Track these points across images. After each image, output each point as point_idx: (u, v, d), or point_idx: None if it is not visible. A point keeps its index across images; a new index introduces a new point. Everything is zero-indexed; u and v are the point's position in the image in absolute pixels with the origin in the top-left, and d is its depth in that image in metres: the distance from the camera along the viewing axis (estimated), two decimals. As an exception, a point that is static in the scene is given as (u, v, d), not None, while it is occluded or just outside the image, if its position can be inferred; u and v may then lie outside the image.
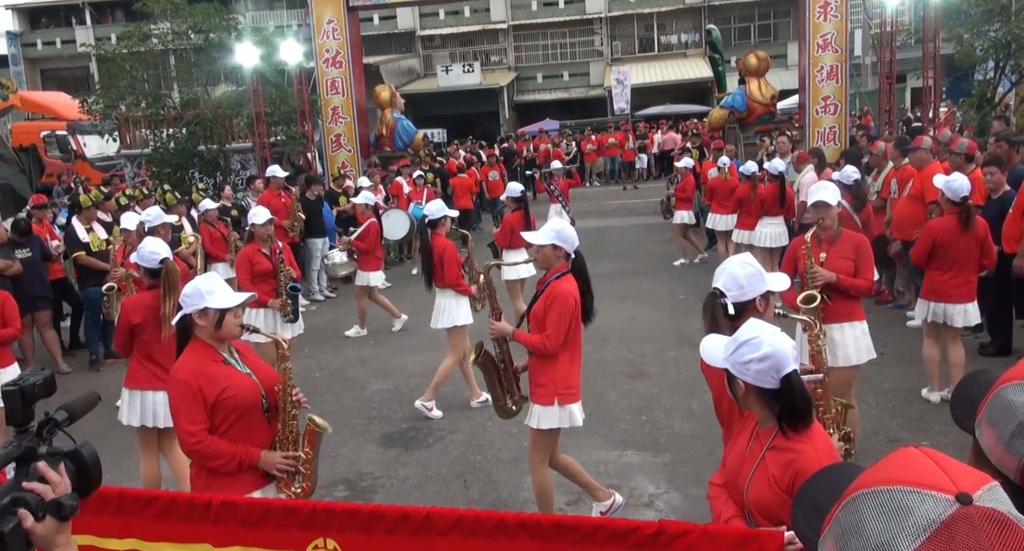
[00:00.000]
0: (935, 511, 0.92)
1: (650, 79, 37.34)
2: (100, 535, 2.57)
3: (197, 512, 2.56)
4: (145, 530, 2.57)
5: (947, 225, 6.11)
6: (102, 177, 19.01)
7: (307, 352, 9.29)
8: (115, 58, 17.30)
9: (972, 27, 15.92)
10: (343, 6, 16.13)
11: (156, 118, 17.38)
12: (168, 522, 2.58)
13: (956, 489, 0.94)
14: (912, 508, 0.93)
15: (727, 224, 11.41)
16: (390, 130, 17.33)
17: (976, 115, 15.90)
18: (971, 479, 0.96)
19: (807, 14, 14.51)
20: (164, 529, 2.56)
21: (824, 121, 14.67)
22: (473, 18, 41.73)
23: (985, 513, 0.92)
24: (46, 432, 1.66)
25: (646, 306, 10.27)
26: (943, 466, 0.98)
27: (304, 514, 2.54)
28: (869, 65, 24.27)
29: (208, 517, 2.56)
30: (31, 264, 8.85)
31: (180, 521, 2.57)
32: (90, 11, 42.89)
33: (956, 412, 1.47)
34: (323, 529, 2.50)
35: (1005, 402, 1.21)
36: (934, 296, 6.25)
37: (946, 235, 6.09)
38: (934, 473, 0.97)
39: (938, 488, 0.94)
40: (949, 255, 6.11)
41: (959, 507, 0.92)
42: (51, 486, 1.57)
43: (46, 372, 1.77)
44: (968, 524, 0.91)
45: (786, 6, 36.21)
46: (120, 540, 2.56)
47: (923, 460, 1.00)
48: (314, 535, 2.49)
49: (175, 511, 2.59)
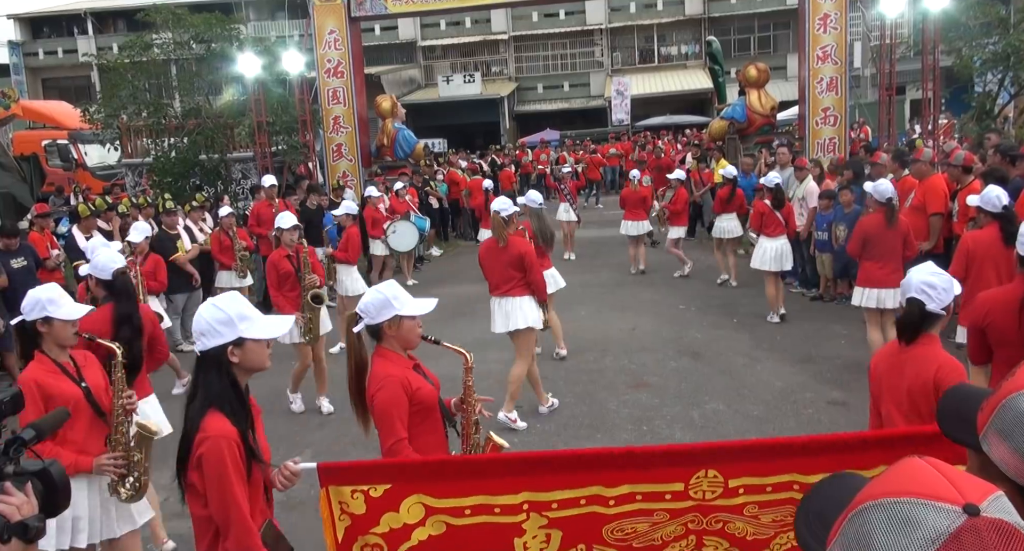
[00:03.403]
0: (943, 523, 0.92)
1: (650, 90, 37.45)
2: (493, 493, 2.79)
3: (594, 463, 2.80)
4: (539, 483, 2.78)
5: (875, 221, 7.19)
6: (103, 186, 19.03)
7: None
8: (117, 68, 17.32)
9: (971, 40, 15.96)
10: (345, 16, 16.20)
11: (157, 127, 17.39)
12: (560, 474, 2.79)
13: (963, 500, 0.93)
14: (920, 520, 0.93)
15: (639, 229, 13.05)
16: (391, 140, 17.37)
17: (976, 127, 15.93)
18: (977, 489, 0.96)
19: (807, 26, 14.57)
20: (556, 481, 2.78)
21: (824, 132, 14.70)
22: (474, 29, 41.86)
23: (993, 524, 0.91)
24: (13, 451, 1.60)
25: (647, 316, 10.27)
26: (948, 476, 0.98)
27: (685, 453, 2.82)
28: (869, 77, 24.31)
29: (594, 466, 2.79)
30: (25, 273, 8.68)
31: (572, 471, 2.79)
32: (92, 21, 42.99)
33: (947, 427, 1.47)
34: (708, 462, 2.76)
35: (1019, 412, 1.20)
36: (868, 283, 7.20)
37: (875, 230, 7.14)
38: (940, 484, 0.97)
39: (945, 499, 0.94)
40: (878, 247, 7.12)
41: (967, 518, 0.91)
42: (16, 507, 1.51)
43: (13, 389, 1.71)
44: (976, 535, 0.90)
45: (786, 18, 36.33)
46: (514, 495, 2.76)
47: (928, 470, 1.00)
48: (697, 468, 2.75)
49: (566, 464, 2.82)
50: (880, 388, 3.49)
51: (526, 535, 2.82)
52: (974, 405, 1.32)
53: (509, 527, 2.81)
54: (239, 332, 2.73)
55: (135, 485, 3.81)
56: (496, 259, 6.82)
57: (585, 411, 7.11)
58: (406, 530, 2.81)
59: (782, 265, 9.68)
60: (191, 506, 2.79)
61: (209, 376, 2.74)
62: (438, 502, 2.80)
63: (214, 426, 2.67)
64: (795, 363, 8.14)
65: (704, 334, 9.36)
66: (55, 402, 3.65)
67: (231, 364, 2.75)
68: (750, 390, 7.43)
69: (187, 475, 2.72)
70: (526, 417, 6.99)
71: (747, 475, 2.76)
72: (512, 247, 6.71)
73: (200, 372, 2.77)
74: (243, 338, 2.74)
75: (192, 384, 2.82)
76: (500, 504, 2.79)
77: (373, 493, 2.81)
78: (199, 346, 2.76)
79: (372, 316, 3.37)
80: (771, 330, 9.36)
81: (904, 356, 3.34)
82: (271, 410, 7.69)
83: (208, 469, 2.64)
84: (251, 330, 2.76)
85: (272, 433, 3.95)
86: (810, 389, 7.33)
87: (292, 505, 5.73)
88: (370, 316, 3.37)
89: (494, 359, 8.82)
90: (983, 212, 6.09)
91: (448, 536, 2.81)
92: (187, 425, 2.74)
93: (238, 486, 2.67)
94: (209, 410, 2.70)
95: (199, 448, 2.66)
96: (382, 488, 2.80)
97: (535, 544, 2.84)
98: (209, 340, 2.73)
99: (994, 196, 5.91)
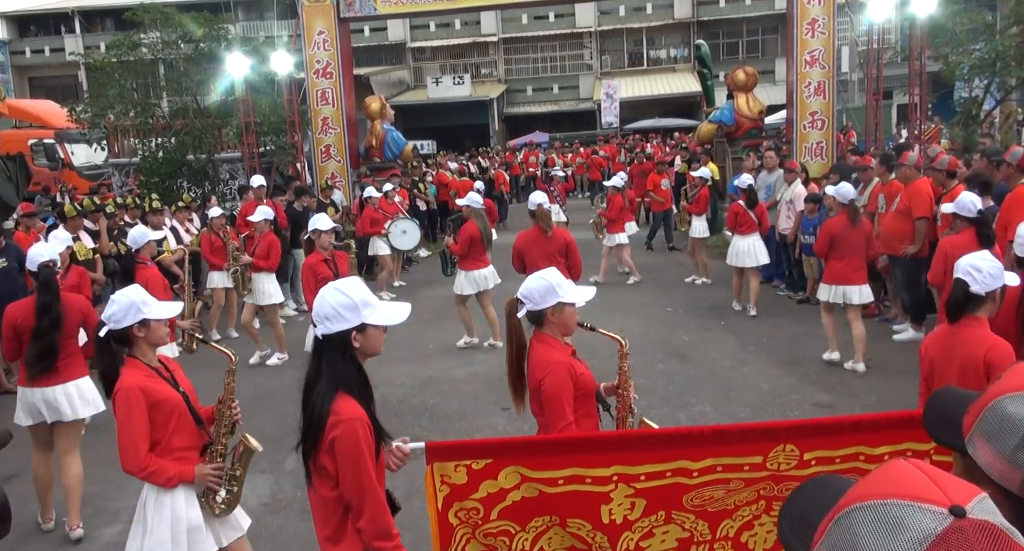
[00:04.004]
0: (930, 525, 0.92)
1: (639, 93, 37.55)
2: (586, 466, 2.97)
3: (685, 440, 3.01)
4: (631, 458, 2.97)
5: (840, 223, 7.69)
6: (90, 186, 18.92)
7: (294, 364, 9.25)
8: (104, 67, 17.24)
9: (957, 45, 16.08)
10: (334, 17, 16.15)
11: (145, 127, 17.30)
12: (651, 451, 2.98)
13: (949, 502, 0.94)
14: (906, 522, 0.93)
15: None
16: (380, 141, 17.32)
17: (962, 132, 16.05)
18: (962, 491, 0.96)
19: (795, 31, 14.63)
20: (647, 456, 2.98)
21: (812, 136, 14.76)
22: (464, 30, 41.87)
23: (979, 525, 0.92)
24: None
25: (635, 318, 10.28)
26: (934, 478, 0.98)
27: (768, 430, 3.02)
28: (856, 81, 24.46)
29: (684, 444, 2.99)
30: (7, 273, 8.38)
31: (663, 448, 2.99)
32: (79, 20, 42.76)
33: (933, 430, 1.47)
34: (786, 438, 2.95)
35: (1003, 415, 1.21)
36: (835, 280, 7.71)
37: (840, 230, 7.65)
38: (926, 486, 0.97)
39: (931, 501, 0.94)
40: (843, 246, 7.62)
41: (953, 520, 0.92)
42: None
43: None
44: (962, 537, 0.91)
45: (774, 23, 36.51)
46: (606, 468, 2.95)
47: (914, 473, 1.00)
48: (776, 443, 2.94)
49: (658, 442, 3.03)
50: (931, 368, 3.67)
51: (612, 503, 3.02)
52: (960, 408, 1.32)
53: (597, 496, 3.00)
54: (363, 318, 2.80)
55: (228, 498, 3.70)
56: (542, 248, 7.73)
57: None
58: (502, 493, 3.00)
59: (757, 260, 10.06)
60: (318, 488, 2.83)
61: (334, 360, 2.80)
62: (534, 473, 3.00)
63: (347, 409, 2.73)
64: (781, 365, 8.17)
65: (692, 336, 9.38)
66: (161, 408, 3.56)
67: (354, 348, 2.81)
68: (737, 392, 7.44)
69: (317, 458, 2.77)
70: (514, 419, 6.97)
71: (820, 448, 2.95)
72: (558, 236, 7.70)
73: (323, 356, 2.82)
74: (366, 324, 2.81)
75: (313, 368, 2.85)
76: (592, 476, 2.98)
77: (475, 466, 2.99)
78: (322, 330, 2.80)
79: (536, 302, 3.50)
80: (758, 332, 9.39)
81: (954, 338, 3.53)
82: (260, 409, 7.66)
83: (342, 451, 2.71)
84: (374, 316, 2.82)
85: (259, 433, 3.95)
86: (796, 391, 7.36)
87: (277, 508, 5.71)
88: (534, 302, 3.50)
89: (481, 361, 8.83)
90: (959, 217, 6.20)
91: (540, 500, 3.01)
92: (313, 408, 2.78)
93: (372, 466, 2.76)
94: (337, 393, 2.75)
95: (333, 431, 2.71)
96: (483, 462, 2.99)
97: (619, 511, 3.03)
98: (333, 324, 2.78)
99: (968, 202, 6.03)
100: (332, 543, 2.82)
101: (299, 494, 5.85)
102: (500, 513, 3.03)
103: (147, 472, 3.52)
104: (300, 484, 5.98)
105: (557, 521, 3.05)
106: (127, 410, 3.49)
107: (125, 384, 3.53)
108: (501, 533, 3.05)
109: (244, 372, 9.06)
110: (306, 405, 2.82)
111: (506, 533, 3.05)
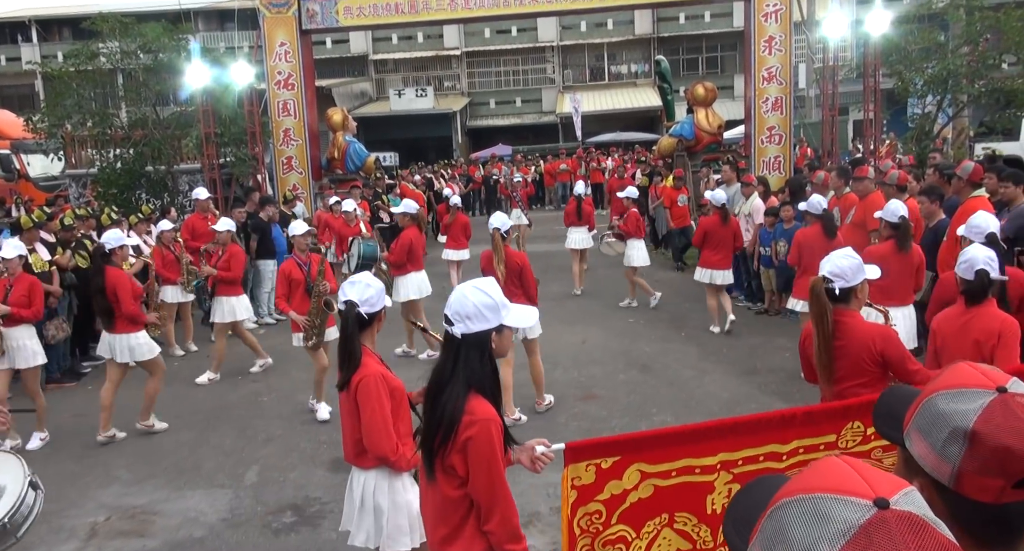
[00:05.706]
0: (853, 516, 0.96)
1: (601, 107, 37.88)
2: (696, 456, 3.09)
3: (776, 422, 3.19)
4: (732, 444, 3.12)
5: (713, 221, 9.78)
6: (46, 197, 18.60)
7: (254, 376, 9.18)
8: (61, 76, 16.96)
9: (911, 63, 16.49)
10: (296, 29, 16.13)
11: (103, 138, 17.04)
12: (748, 435, 3.15)
13: (874, 494, 0.98)
14: (832, 514, 0.97)
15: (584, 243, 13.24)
16: (342, 153, 17.29)
17: (915, 147, 16.43)
18: (889, 485, 1.01)
19: (752, 48, 14.92)
20: (745, 440, 3.13)
21: (769, 151, 15.03)
22: (426, 44, 41.96)
23: (901, 516, 0.96)
24: None
25: (596, 329, 10.36)
26: (862, 473, 1.03)
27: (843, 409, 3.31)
28: (813, 97, 24.91)
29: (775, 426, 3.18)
30: None
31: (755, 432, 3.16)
32: (36, 28, 42.11)
33: (880, 425, 1.55)
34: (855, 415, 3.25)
35: (935, 411, 1.27)
36: (707, 265, 9.79)
37: (712, 227, 9.72)
38: (853, 480, 1.02)
39: (857, 494, 0.99)
40: (714, 240, 9.68)
41: (876, 511, 0.96)
42: None
43: None
44: (885, 527, 0.95)
45: (733, 40, 37.08)
46: (712, 456, 3.08)
47: (843, 468, 1.05)
48: (847, 421, 3.25)
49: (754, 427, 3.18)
50: (944, 343, 4.17)
51: (715, 492, 3.13)
52: (904, 406, 1.39)
53: (704, 485, 3.11)
54: (502, 319, 2.78)
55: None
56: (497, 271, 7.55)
57: (534, 423, 7.14)
58: (623, 494, 3.06)
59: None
60: (442, 487, 2.77)
61: (471, 359, 2.74)
62: (652, 467, 3.07)
63: (481, 409, 2.70)
64: (741, 375, 8.29)
65: (653, 347, 9.47)
66: (394, 395, 3.59)
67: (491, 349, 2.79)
68: (697, 402, 7.54)
69: (446, 457, 2.72)
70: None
71: None
72: (512, 261, 7.21)
73: (459, 355, 2.75)
74: (503, 325, 2.79)
75: (447, 367, 2.78)
76: (700, 465, 3.09)
77: (604, 465, 3.03)
78: (461, 329, 2.74)
79: (848, 279, 3.78)
80: (718, 343, 9.51)
81: (968, 316, 4.09)
82: (219, 422, 7.58)
83: (476, 452, 2.67)
84: (510, 318, 2.81)
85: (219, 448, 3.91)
86: (755, 400, 7.47)
87: (237, 523, 5.66)
88: (846, 279, 3.77)
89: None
90: (810, 214, 7.51)
91: (654, 498, 3.08)
92: (445, 407, 2.72)
93: (503, 468, 2.74)
94: (471, 393, 2.72)
95: (467, 431, 2.67)
96: (611, 460, 3.03)
97: (719, 500, 3.12)
98: (475, 324, 2.74)
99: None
100: (447, 543, 2.80)
101: (259, 509, 5.82)
102: (620, 517, 3.07)
103: (398, 455, 3.55)
104: (260, 498, 5.96)
105: (666, 520, 3.12)
106: (377, 396, 3.51)
107: (370, 371, 3.56)
108: (618, 540, 3.09)
109: (212, 386, 8.98)
110: (435, 403, 2.77)
111: (623, 540, 3.09)
